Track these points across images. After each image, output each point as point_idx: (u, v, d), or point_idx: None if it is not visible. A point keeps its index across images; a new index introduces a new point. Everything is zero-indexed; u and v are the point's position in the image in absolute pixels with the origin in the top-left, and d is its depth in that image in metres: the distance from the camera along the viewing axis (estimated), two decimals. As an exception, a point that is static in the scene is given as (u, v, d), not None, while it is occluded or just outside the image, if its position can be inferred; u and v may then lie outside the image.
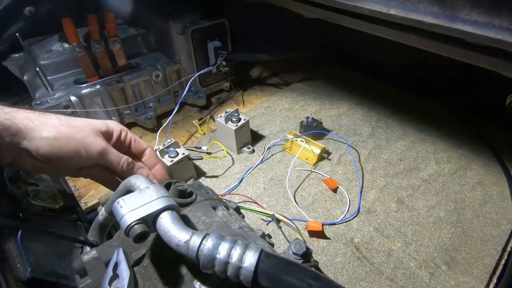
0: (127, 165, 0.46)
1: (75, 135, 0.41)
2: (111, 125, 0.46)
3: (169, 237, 0.31)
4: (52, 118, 0.41)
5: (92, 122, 0.44)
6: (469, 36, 0.40)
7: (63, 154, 0.41)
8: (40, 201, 0.54)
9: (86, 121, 0.44)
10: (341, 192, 0.69)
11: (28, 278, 0.44)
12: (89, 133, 0.42)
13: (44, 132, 0.39)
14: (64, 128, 0.40)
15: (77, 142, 0.41)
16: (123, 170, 0.46)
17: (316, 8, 0.63)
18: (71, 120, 0.42)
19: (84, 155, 0.42)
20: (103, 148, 0.43)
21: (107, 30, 0.78)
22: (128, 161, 0.46)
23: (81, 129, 0.42)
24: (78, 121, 0.43)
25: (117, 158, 0.45)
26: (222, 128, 0.77)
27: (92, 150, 0.42)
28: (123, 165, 0.45)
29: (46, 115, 0.41)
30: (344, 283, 0.54)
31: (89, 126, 0.43)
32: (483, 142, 0.79)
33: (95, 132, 0.43)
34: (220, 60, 0.89)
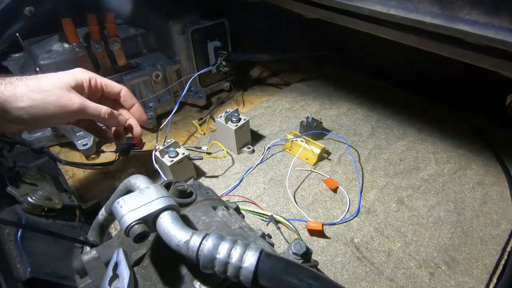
0: (108, 114, 0.47)
1: (48, 99, 0.41)
2: (78, 76, 0.46)
3: (169, 237, 0.31)
4: (21, 86, 0.41)
5: (61, 79, 0.44)
6: (469, 36, 0.40)
7: (43, 118, 0.42)
8: (40, 201, 0.54)
9: (54, 80, 0.43)
10: (341, 192, 0.69)
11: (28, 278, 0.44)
12: (61, 93, 0.43)
13: (18, 103, 0.40)
14: (35, 95, 0.41)
15: (53, 105, 0.42)
16: (105, 120, 0.47)
17: (316, 8, 0.63)
18: (40, 83, 0.42)
19: (64, 115, 0.43)
20: (79, 104, 0.44)
21: (107, 30, 0.78)
22: (108, 111, 0.47)
23: (52, 91, 0.42)
24: (47, 83, 0.42)
25: (96, 110, 0.46)
26: (222, 128, 0.77)
27: (69, 110, 0.43)
28: (104, 116, 0.47)
29: (13, 83, 0.41)
30: (344, 283, 0.54)
31: (58, 85, 0.43)
32: (483, 142, 0.79)
33: (67, 90, 0.43)
34: (220, 60, 0.89)
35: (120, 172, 0.75)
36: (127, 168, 0.76)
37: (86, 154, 0.77)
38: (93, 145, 0.77)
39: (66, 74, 0.45)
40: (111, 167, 0.76)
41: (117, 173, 0.75)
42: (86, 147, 0.76)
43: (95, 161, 0.78)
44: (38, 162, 0.78)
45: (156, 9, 0.89)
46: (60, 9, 0.80)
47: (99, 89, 0.50)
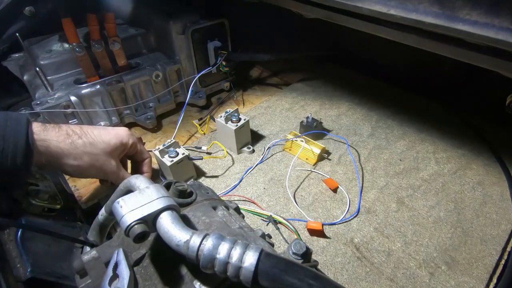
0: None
1: (95, 163, 0.52)
2: (125, 140, 0.56)
3: (169, 237, 0.31)
4: (79, 144, 0.50)
5: (111, 145, 0.54)
6: (469, 36, 0.40)
7: (83, 175, 0.54)
8: (40, 201, 0.54)
9: (105, 145, 0.53)
10: (341, 192, 0.69)
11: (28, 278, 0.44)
12: (106, 159, 0.53)
13: (71, 160, 0.49)
14: (86, 158, 0.51)
15: (96, 169, 0.53)
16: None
17: (316, 8, 0.63)
18: (94, 145, 0.52)
19: (101, 174, 0.55)
20: (115, 170, 0.55)
21: (107, 30, 0.78)
22: None
23: (100, 156, 0.52)
24: (99, 146, 0.52)
25: (121, 179, 0.56)
26: (222, 128, 0.77)
27: (107, 171, 0.54)
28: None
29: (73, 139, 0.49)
30: (344, 283, 0.54)
31: (107, 151, 0.53)
32: (483, 142, 0.79)
33: (111, 157, 0.54)
34: (220, 60, 0.89)
35: (120, 172, 0.75)
36: (127, 168, 0.76)
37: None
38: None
39: (116, 138, 0.55)
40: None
41: (117, 173, 0.75)
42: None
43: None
44: (38, 162, 0.78)
45: (156, 9, 0.89)
46: (60, 9, 0.80)
47: (134, 153, 0.61)
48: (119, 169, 0.56)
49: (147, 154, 0.64)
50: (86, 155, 0.50)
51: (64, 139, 0.49)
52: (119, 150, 0.56)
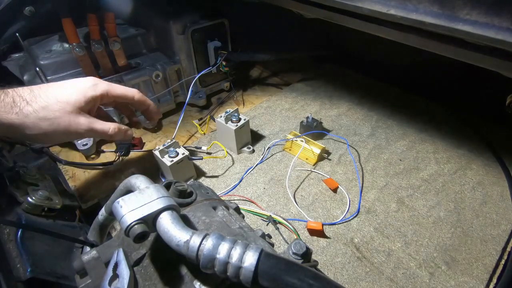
0: (115, 132, 0.51)
1: (56, 128, 0.45)
2: (89, 94, 0.48)
3: (169, 237, 0.31)
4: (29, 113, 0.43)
5: (70, 103, 0.46)
6: (469, 36, 0.40)
7: (54, 140, 0.48)
8: (40, 201, 0.54)
9: (63, 104, 0.45)
10: (341, 192, 0.69)
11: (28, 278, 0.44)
12: (69, 119, 0.45)
13: (26, 131, 0.43)
14: (43, 124, 0.44)
15: (62, 132, 0.45)
16: (112, 137, 0.51)
17: (316, 8, 0.63)
18: (48, 108, 0.44)
19: (73, 137, 0.48)
20: (87, 127, 0.47)
21: (107, 30, 0.78)
22: (115, 129, 0.51)
23: (61, 119, 0.45)
24: (55, 107, 0.45)
25: (104, 130, 0.50)
26: (222, 128, 0.77)
27: (77, 133, 0.47)
28: (112, 133, 0.51)
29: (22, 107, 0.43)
30: (344, 283, 0.54)
31: (67, 110, 0.45)
32: (483, 142, 0.79)
33: (75, 114, 0.46)
34: (220, 60, 0.89)
35: (120, 172, 0.75)
36: (127, 168, 0.76)
37: (86, 154, 0.77)
38: (93, 145, 0.77)
39: (77, 93, 0.47)
40: (111, 167, 0.76)
41: (117, 173, 0.75)
42: (86, 147, 0.76)
43: (95, 161, 0.78)
44: (38, 162, 0.78)
45: (156, 9, 0.89)
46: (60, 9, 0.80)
47: (111, 101, 0.53)
48: (92, 126, 0.48)
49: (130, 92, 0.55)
50: (41, 122, 0.44)
51: (11, 108, 0.42)
52: (86, 105, 0.48)
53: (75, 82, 0.48)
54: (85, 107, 0.48)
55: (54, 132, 0.45)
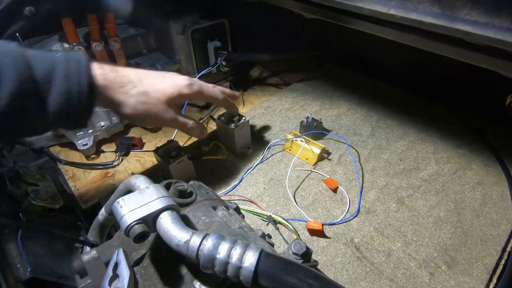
0: (192, 125, 0.59)
1: (149, 112, 0.52)
2: (184, 91, 0.55)
3: (169, 237, 0.31)
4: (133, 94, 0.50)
5: (165, 94, 0.53)
6: (469, 36, 0.40)
7: (144, 121, 0.57)
8: (40, 201, 0.54)
9: (159, 94, 0.52)
10: (341, 192, 0.69)
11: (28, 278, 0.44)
12: (161, 109, 0.53)
13: (126, 109, 0.50)
14: (140, 107, 0.51)
15: (151, 118, 0.53)
16: (188, 131, 0.59)
17: (316, 8, 0.63)
18: (148, 94, 0.51)
19: (160, 122, 0.56)
20: (172, 117, 0.55)
21: (107, 30, 0.78)
22: (193, 123, 0.59)
23: (155, 106, 0.52)
24: (154, 96, 0.52)
25: (185, 122, 0.58)
26: (222, 128, 0.77)
27: (165, 119, 0.54)
28: (189, 127, 0.58)
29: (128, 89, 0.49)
30: (344, 283, 0.54)
31: (162, 100, 0.53)
32: (483, 142, 0.79)
33: (167, 106, 0.54)
34: (220, 60, 0.89)
35: (120, 172, 0.75)
36: (127, 168, 0.76)
37: (86, 154, 0.77)
38: (93, 145, 0.77)
39: (173, 87, 0.54)
40: (111, 167, 0.76)
41: (117, 173, 0.75)
42: (86, 147, 0.76)
43: (95, 161, 0.78)
44: (38, 162, 0.78)
45: (156, 9, 0.89)
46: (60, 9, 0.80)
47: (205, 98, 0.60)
48: (176, 118, 0.56)
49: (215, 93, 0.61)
50: (140, 104, 0.50)
51: (119, 87, 0.49)
52: (177, 100, 0.55)
53: (173, 77, 0.55)
54: (176, 101, 0.54)
55: (145, 115, 0.51)
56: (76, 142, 0.76)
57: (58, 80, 0.41)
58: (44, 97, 0.41)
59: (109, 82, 0.47)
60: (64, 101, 0.41)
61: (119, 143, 0.79)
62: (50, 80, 0.41)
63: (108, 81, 0.47)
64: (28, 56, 0.40)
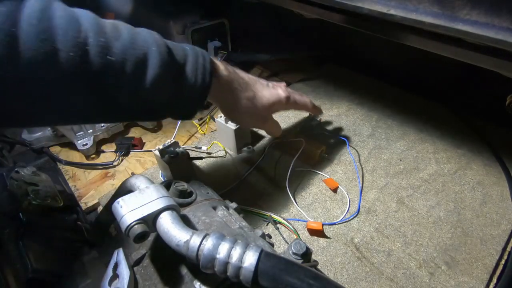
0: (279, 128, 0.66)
1: (250, 117, 0.57)
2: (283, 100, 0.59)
3: (169, 237, 0.31)
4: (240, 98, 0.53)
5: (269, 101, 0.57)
6: (469, 36, 0.40)
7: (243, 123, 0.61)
8: (40, 201, 0.54)
9: (263, 100, 0.57)
10: (341, 192, 0.69)
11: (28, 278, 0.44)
12: (264, 116, 0.59)
13: (230, 110, 0.55)
14: (244, 111, 0.55)
15: (254, 118, 0.58)
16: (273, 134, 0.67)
17: (316, 8, 0.63)
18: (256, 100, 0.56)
19: (255, 125, 0.66)
20: (268, 125, 0.63)
21: (107, 30, 0.78)
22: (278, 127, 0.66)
23: (259, 114, 0.57)
24: (260, 102, 0.56)
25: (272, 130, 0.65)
26: (222, 128, 0.77)
27: (261, 126, 0.63)
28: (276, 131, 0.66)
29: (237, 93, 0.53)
30: (344, 283, 0.54)
31: (266, 107, 0.57)
32: (483, 142, 0.79)
33: (268, 112, 0.59)
34: (220, 60, 0.89)
35: (120, 172, 0.75)
36: (127, 168, 0.76)
37: (86, 154, 0.77)
38: (93, 145, 0.77)
39: (275, 98, 0.58)
40: (111, 167, 0.76)
41: (117, 173, 0.75)
42: (86, 147, 0.76)
43: (95, 161, 0.78)
44: (38, 162, 0.79)
45: (156, 9, 0.89)
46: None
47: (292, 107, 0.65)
48: (269, 123, 0.62)
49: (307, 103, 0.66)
50: (244, 108, 0.54)
51: (238, 87, 0.52)
52: (275, 107, 0.59)
53: (276, 88, 0.59)
54: (275, 109, 0.60)
55: (247, 117, 0.56)
56: (76, 142, 0.76)
57: (189, 69, 0.45)
58: (179, 83, 0.44)
59: (231, 79, 0.51)
60: (191, 88, 0.45)
61: (119, 143, 0.79)
62: (183, 68, 0.45)
63: (231, 78, 0.51)
64: (169, 45, 0.45)
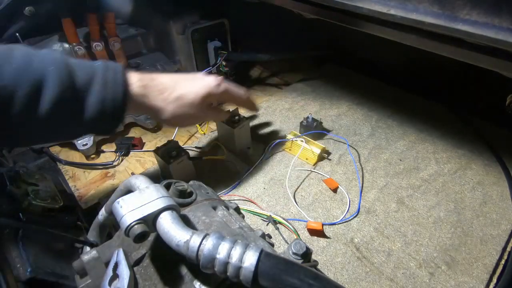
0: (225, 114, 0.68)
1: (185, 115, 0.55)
2: (213, 90, 0.57)
3: (169, 237, 0.31)
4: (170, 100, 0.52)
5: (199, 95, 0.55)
6: (469, 36, 0.40)
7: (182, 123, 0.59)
8: (40, 201, 0.54)
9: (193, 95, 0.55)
10: (341, 192, 0.69)
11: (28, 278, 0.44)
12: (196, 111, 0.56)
13: (163, 115, 0.53)
14: (178, 111, 0.53)
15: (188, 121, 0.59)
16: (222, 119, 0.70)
17: (316, 8, 0.63)
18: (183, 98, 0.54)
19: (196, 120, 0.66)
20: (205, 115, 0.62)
21: (107, 30, 0.78)
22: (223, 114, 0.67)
23: (190, 108, 0.55)
24: (189, 98, 0.54)
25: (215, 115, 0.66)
26: (222, 128, 0.77)
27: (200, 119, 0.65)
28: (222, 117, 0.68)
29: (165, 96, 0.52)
30: (344, 283, 0.54)
31: (197, 102, 0.55)
32: (483, 142, 0.79)
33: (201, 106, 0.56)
34: (220, 60, 0.89)
35: (120, 172, 0.75)
36: (127, 168, 0.76)
37: (86, 154, 0.77)
38: (93, 145, 0.77)
39: (205, 88, 0.56)
40: (111, 167, 0.76)
41: (117, 173, 0.75)
42: (86, 147, 0.76)
43: (95, 161, 0.78)
44: (38, 162, 0.79)
45: (156, 9, 0.89)
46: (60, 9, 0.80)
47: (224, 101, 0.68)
48: (208, 113, 0.61)
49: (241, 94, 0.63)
50: (178, 108, 0.53)
51: (158, 94, 0.51)
52: (208, 99, 0.57)
53: (203, 79, 0.58)
54: (208, 100, 0.57)
55: (184, 117, 0.55)
56: (76, 142, 0.76)
57: (96, 88, 0.43)
58: (82, 104, 0.43)
59: (147, 90, 0.50)
60: (100, 108, 0.44)
61: (119, 143, 0.79)
62: (88, 87, 0.43)
63: (146, 90, 0.50)
64: (71, 64, 0.43)
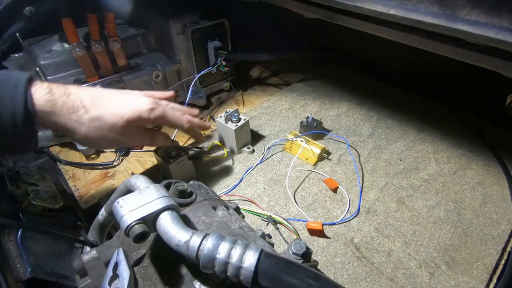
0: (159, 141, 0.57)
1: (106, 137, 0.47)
2: (144, 115, 0.50)
3: (169, 237, 0.31)
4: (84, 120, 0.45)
5: (123, 118, 0.48)
6: (469, 36, 0.40)
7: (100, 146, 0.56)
8: (40, 201, 0.54)
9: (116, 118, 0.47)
10: (341, 192, 0.69)
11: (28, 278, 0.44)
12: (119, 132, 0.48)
13: (76, 135, 0.46)
14: (93, 134, 0.46)
15: (109, 141, 0.49)
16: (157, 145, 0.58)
17: (316, 8, 0.63)
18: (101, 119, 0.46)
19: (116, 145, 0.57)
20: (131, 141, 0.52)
21: (107, 30, 0.78)
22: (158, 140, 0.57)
23: (110, 132, 0.47)
24: (109, 119, 0.47)
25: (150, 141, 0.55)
26: (222, 128, 0.77)
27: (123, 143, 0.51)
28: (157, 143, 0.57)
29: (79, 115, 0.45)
30: (344, 283, 0.54)
31: (118, 124, 0.47)
32: (483, 142, 0.79)
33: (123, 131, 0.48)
34: (220, 60, 0.89)
35: (120, 172, 0.75)
36: (127, 168, 0.76)
37: (86, 154, 0.77)
38: (93, 145, 0.77)
39: (133, 111, 0.48)
40: (111, 167, 0.76)
41: (117, 173, 0.75)
42: (86, 147, 0.76)
43: (95, 161, 0.78)
44: (38, 162, 0.78)
45: (156, 9, 0.89)
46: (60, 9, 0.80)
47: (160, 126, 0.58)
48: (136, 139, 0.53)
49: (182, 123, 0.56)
50: (93, 131, 0.46)
51: (69, 113, 0.44)
52: (136, 123, 0.50)
53: (136, 99, 0.50)
54: (136, 124, 0.50)
55: (101, 140, 0.48)
56: (76, 142, 0.76)
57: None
58: None
59: (55, 108, 0.43)
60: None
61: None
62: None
63: (55, 107, 0.43)
64: None
